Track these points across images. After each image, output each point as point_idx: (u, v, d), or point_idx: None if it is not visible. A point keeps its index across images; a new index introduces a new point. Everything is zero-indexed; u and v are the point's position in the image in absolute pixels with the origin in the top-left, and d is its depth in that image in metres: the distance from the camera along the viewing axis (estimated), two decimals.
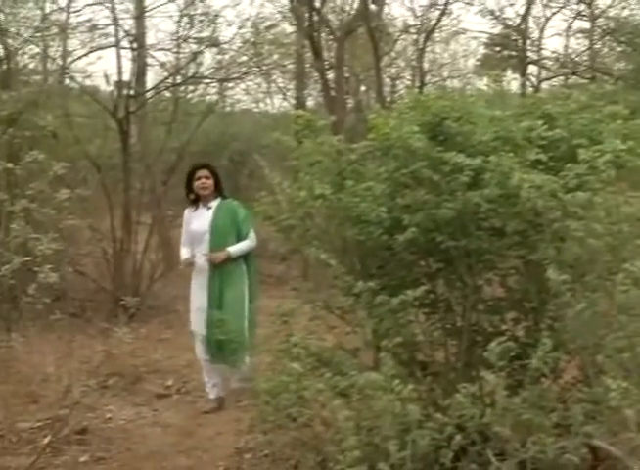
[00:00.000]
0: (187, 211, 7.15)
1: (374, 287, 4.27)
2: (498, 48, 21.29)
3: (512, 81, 15.88)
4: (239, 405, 6.72)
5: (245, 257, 7.00)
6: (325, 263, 4.55)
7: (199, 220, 6.97)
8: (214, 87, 15.24)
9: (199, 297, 6.93)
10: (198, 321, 6.95)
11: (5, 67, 10.57)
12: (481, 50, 22.67)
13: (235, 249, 6.87)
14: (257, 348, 6.17)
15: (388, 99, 18.32)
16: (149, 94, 13.14)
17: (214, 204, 7.01)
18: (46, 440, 5.90)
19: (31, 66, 12.50)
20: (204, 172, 6.98)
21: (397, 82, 21.49)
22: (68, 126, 10.91)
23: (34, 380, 7.08)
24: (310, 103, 20.09)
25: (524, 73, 17.84)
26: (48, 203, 5.93)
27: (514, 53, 19.04)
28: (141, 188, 11.80)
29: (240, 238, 6.94)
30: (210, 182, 6.97)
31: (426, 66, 20.13)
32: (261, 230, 13.44)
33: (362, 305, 4.39)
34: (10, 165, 6.06)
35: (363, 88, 20.89)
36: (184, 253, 7.06)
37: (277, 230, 5.01)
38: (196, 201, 7.07)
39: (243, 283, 6.93)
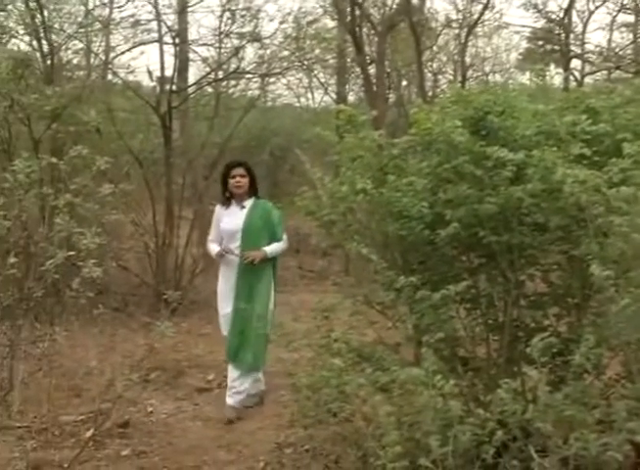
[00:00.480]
0: (218, 208, 7.02)
1: (415, 282, 4.27)
2: (541, 42, 21.15)
3: (555, 76, 15.76)
4: (280, 400, 6.74)
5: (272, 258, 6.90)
6: (366, 258, 4.56)
7: (231, 219, 6.84)
8: (256, 82, 15.30)
9: (228, 293, 6.82)
10: (225, 318, 6.86)
11: (49, 62, 10.67)
12: (524, 44, 22.54)
13: (271, 249, 6.77)
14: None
15: (430, 94, 18.24)
16: (191, 89, 13.22)
17: (248, 203, 6.88)
18: (89, 433, 5.96)
19: (75, 61, 12.63)
20: (239, 171, 6.84)
21: (439, 77, 21.43)
22: (111, 121, 10.99)
23: (77, 374, 7.17)
24: (351, 98, 20.10)
25: (567, 68, 17.69)
26: (91, 197, 6.00)
27: (557, 47, 18.89)
28: (183, 183, 11.87)
29: (273, 240, 6.81)
30: (245, 181, 6.84)
31: (468, 60, 20.05)
32: (303, 225, 13.43)
33: (403, 301, 4.40)
34: (54, 160, 6.13)
35: (404, 83, 20.85)
36: (214, 248, 6.89)
37: (318, 225, 5.03)
38: (229, 199, 6.93)
39: (270, 282, 6.83)
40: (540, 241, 4.28)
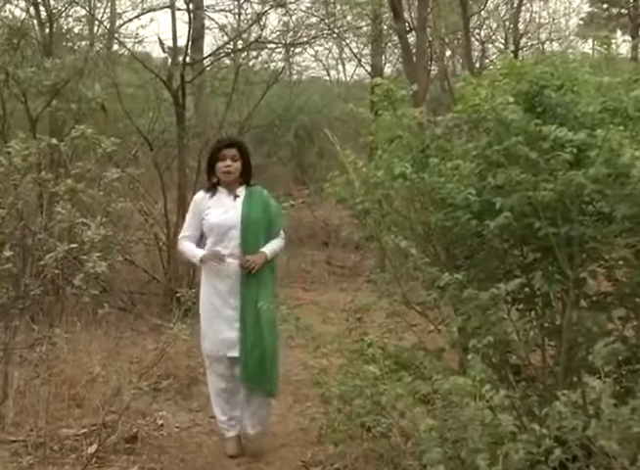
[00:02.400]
0: (200, 196, 6.38)
1: (461, 279, 4.26)
2: (605, 5, 21.00)
3: (622, 44, 15.67)
4: (306, 413, 6.75)
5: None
6: (405, 252, 4.56)
7: (221, 211, 6.22)
8: (280, 53, 15.32)
9: (220, 308, 6.16)
10: (220, 340, 6.16)
11: (48, 31, 10.73)
12: (586, 8, 22.41)
13: (270, 250, 6.19)
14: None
15: (478, 65, 18.18)
16: (207, 61, 13.26)
17: (242, 192, 6.29)
18: (92, 448, 5.99)
19: (77, 30, 12.70)
20: (230, 152, 6.23)
21: (488, 46, 21.32)
22: (117, 98, 11.04)
23: (79, 381, 7.20)
24: (388, 70, 20.08)
25: (635, 34, 17.55)
26: (96, 183, 6.03)
27: (624, 10, 18.74)
28: (198, 167, 11.88)
29: (270, 236, 6.24)
30: (237, 165, 6.23)
31: (521, 27, 19.95)
32: (333, 215, 13.41)
33: (447, 300, 4.39)
34: (54, 141, 6.16)
35: (449, 53, 20.79)
36: (194, 250, 6.31)
37: (350, 215, 5.03)
38: (215, 185, 6.34)
39: (273, 286, 6.31)
40: (604, 233, 4.26)
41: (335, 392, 4.62)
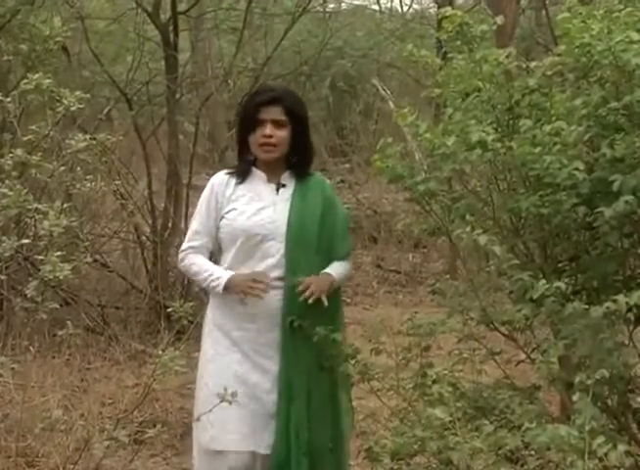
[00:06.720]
0: (220, 181, 5.40)
1: (563, 289, 4.26)
2: None
3: None
4: None
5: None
6: (485, 251, 4.56)
7: (255, 208, 5.29)
8: None
9: (245, 374, 5.29)
10: (245, 428, 5.27)
11: None
12: None
13: (338, 274, 5.35)
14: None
15: None
16: None
17: (290, 180, 5.39)
18: None
19: None
20: (273, 112, 5.20)
21: None
22: (84, 36, 11.09)
23: (31, 430, 7.25)
24: None
25: None
26: (55, 155, 6.07)
27: None
28: (195, 132, 11.95)
29: (333, 254, 5.40)
30: (284, 134, 5.22)
31: None
32: (383, 199, 13.46)
33: (544, 318, 4.39)
34: None
35: None
36: (213, 269, 5.34)
37: (409, 199, 5.03)
38: (250, 166, 5.40)
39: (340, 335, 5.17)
40: None
41: (387, 445, 4.64)
